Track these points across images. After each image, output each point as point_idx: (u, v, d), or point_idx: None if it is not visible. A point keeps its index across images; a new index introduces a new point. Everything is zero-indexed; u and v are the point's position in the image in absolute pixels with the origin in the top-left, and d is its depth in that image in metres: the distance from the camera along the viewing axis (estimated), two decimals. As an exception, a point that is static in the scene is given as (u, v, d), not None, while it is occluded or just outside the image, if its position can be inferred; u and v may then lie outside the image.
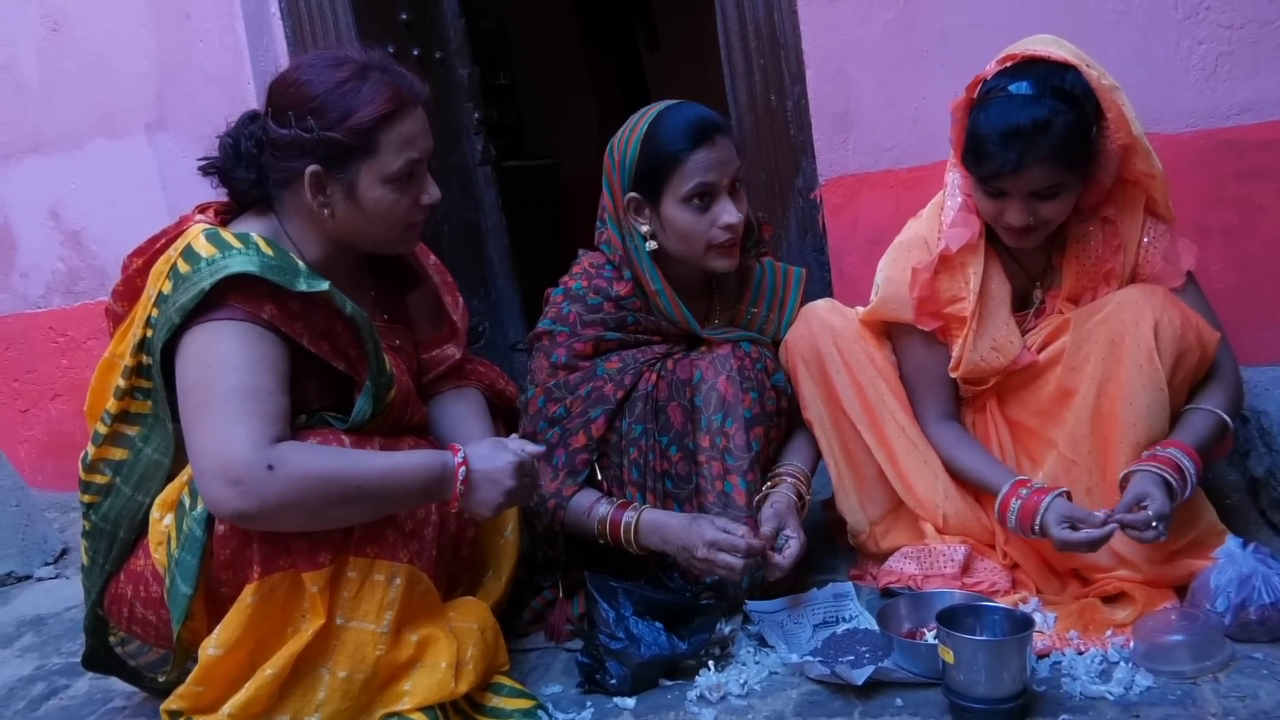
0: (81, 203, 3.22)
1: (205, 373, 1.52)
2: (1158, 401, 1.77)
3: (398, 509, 1.62)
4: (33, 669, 2.26)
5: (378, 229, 1.71)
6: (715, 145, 1.90)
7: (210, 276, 1.52)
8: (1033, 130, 1.71)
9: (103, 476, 1.69)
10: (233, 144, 1.70)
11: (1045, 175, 1.74)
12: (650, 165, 1.92)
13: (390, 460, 1.60)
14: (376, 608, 1.58)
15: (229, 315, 1.54)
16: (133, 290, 1.70)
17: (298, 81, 1.65)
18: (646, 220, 1.96)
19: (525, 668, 1.90)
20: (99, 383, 1.73)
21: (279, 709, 1.56)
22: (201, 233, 1.59)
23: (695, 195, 1.90)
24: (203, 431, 1.50)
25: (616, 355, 2.00)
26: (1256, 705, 1.48)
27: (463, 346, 2.00)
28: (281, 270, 1.55)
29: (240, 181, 1.70)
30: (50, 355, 3.33)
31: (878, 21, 2.45)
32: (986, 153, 1.76)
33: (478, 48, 3.67)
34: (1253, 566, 1.65)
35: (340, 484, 1.51)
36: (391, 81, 1.66)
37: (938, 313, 1.94)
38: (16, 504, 2.93)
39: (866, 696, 1.63)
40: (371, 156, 1.64)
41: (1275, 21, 2.21)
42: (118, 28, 3.06)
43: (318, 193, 1.65)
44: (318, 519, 1.53)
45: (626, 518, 1.89)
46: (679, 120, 1.92)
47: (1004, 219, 1.82)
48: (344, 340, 1.64)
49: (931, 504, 1.96)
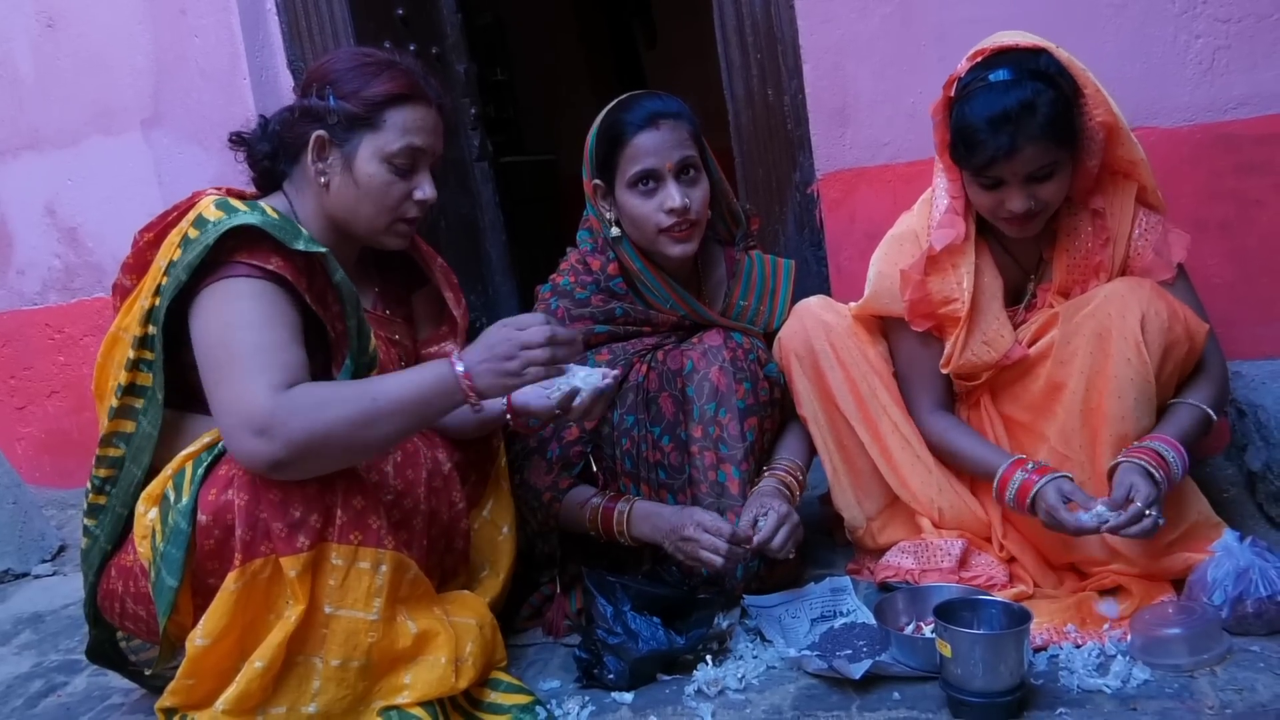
0: (78, 199, 3.21)
1: (225, 331, 1.55)
2: (1145, 394, 1.77)
3: (425, 420, 1.61)
4: (30, 666, 2.25)
5: (367, 208, 1.74)
6: (659, 129, 1.93)
7: (215, 232, 1.55)
8: (1020, 111, 1.72)
9: (116, 449, 1.71)
10: (263, 122, 1.79)
11: (1038, 155, 1.76)
12: (604, 151, 1.97)
13: (394, 375, 1.64)
14: (364, 595, 1.57)
15: (240, 273, 1.56)
16: (142, 264, 1.72)
17: (328, 61, 1.77)
18: (610, 207, 2.00)
19: (523, 663, 1.90)
20: (104, 359, 1.75)
21: (274, 700, 1.56)
22: (212, 202, 1.62)
23: (639, 179, 1.93)
24: (225, 389, 1.52)
25: (606, 348, 2.01)
26: (1253, 698, 1.48)
27: (462, 343, 2.00)
28: (283, 229, 1.57)
29: (258, 153, 1.77)
30: (47, 352, 3.32)
31: (875, 16, 2.45)
32: (978, 141, 1.76)
33: (475, 43, 3.67)
34: (1250, 560, 1.66)
35: (357, 403, 1.52)
36: (411, 74, 1.75)
37: (931, 313, 1.95)
38: (13, 501, 2.93)
39: (864, 691, 1.64)
40: (374, 130, 1.71)
41: (1272, 15, 2.21)
42: (113, 24, 3.06)
43: (318, 158, 1.71)
44: (352, 444, 1.53)
45: (620, 507, 1.90)
46: (634, 106, 1.97)
47: (1004, 208, 1.82)
48: (334, 311, 1.65)
49: (926, 499, 1.96)
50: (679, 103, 2.00)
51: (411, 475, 1.72)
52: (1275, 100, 2.23)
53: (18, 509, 2.92)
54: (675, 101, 2.00)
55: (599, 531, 1.92)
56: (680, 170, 1.95)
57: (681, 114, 1.97)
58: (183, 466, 1.60)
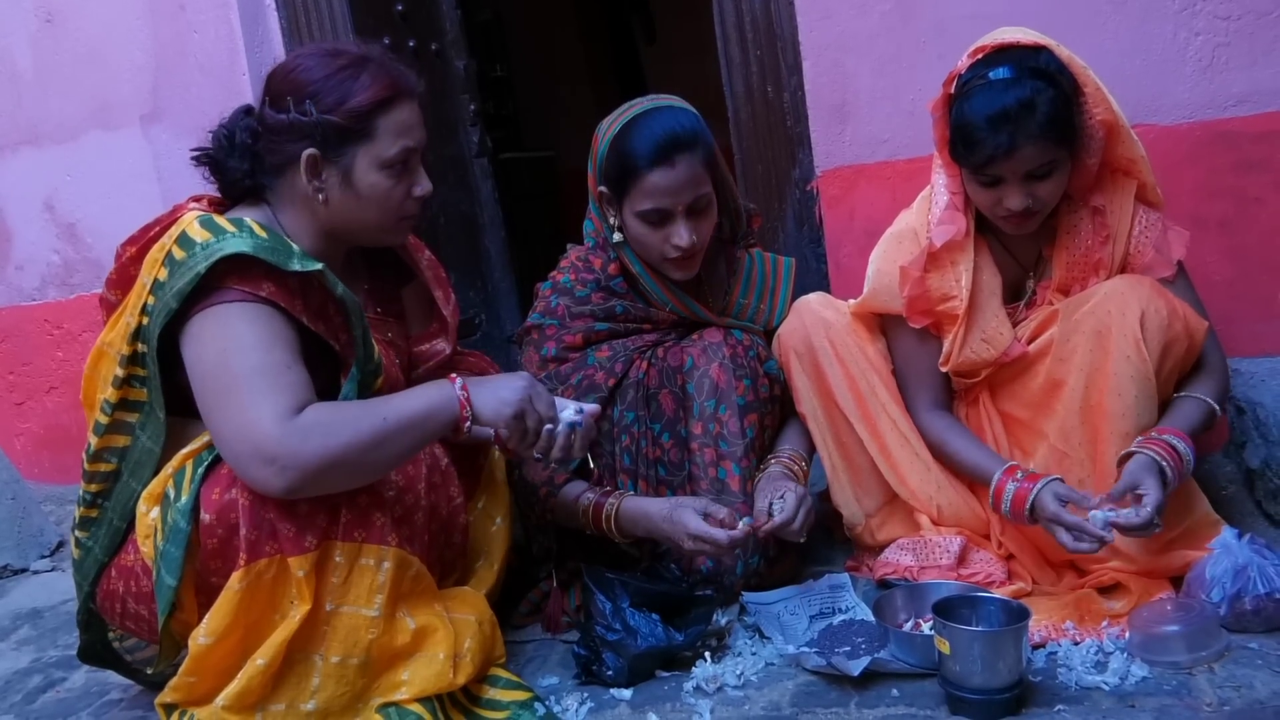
0: (76, 195, 3.21)
1: (221, 357, 1.53)
2: (1145, 391, 1.77)
3: (426, 438, 1.62)
4: (29, 662, 2.26)
5: (372, 215, 1.72)
6: (675, 166, 1.87)
7: (206, 260, 1.52)
8: (1019, 110, 1.72)
9: (108, 464, 1.70)
10: (227, 135, 1.70)
11: (1037, 154, 1.75)
12: (615, 171, 1.92)
13: (400, 394, 1.63)
14: (367, 592, 1.57)
15: (231, 298, 1.54)
16: (126, 279, 1.70)
17: (296, 69, 1.68)
18: (614, 215, 1.98)
19: (522, 659, 1.90)
20: (90, 371, 1.74)
21: (273, 697, 1.56)
22: (196, 219, 1.60)
23: (649, 214, 1.90)
24: (227, 416, 1.51)
25: (607, 345, 2.01)
26: (1251, 695, 1.48)
27: (453, 342, 2.00)
28: (275, 251, 1.56)
29: (233, 171, 1.70)
30: (46, 348, 3.32)
31: (874, 13, 2.45)
32: (977, 140, 1.76)
33: (474, 39, 3.67)
34: (1248, 557, 1.66)
35: (369, 424, 1.52)
36: (388, 71, 1.68)
37: (929, 310, 1.95)
38: (12, 497, 2.93)
39: (863, 687, 1.64)
40: (369, 141, 1.66)
41: (1273, 13, 2.20)
42: (112, 19, 3.05)
43: (313, 177, 1.66)
44: (363, 466, 1.54)
45: (608, 504, 1.90)
46: (648, 132, 1.89)
47: (1002, 205, 1.82)
48: (336, 323, 1.64)
49: (925, 496, 1.96)
50: (693, 117, 1.93)
51: (412, 471, 1.72)
52: (1275, 98, 2.22)
53: (16, 504, 2.92)
54: (689, 116, 1.93)
55: (590, 528, 1.92)
56: (690, 209, 1.92)
57: (697, 140, 1.90)
58: (183, 465, 1.60)
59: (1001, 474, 1.82)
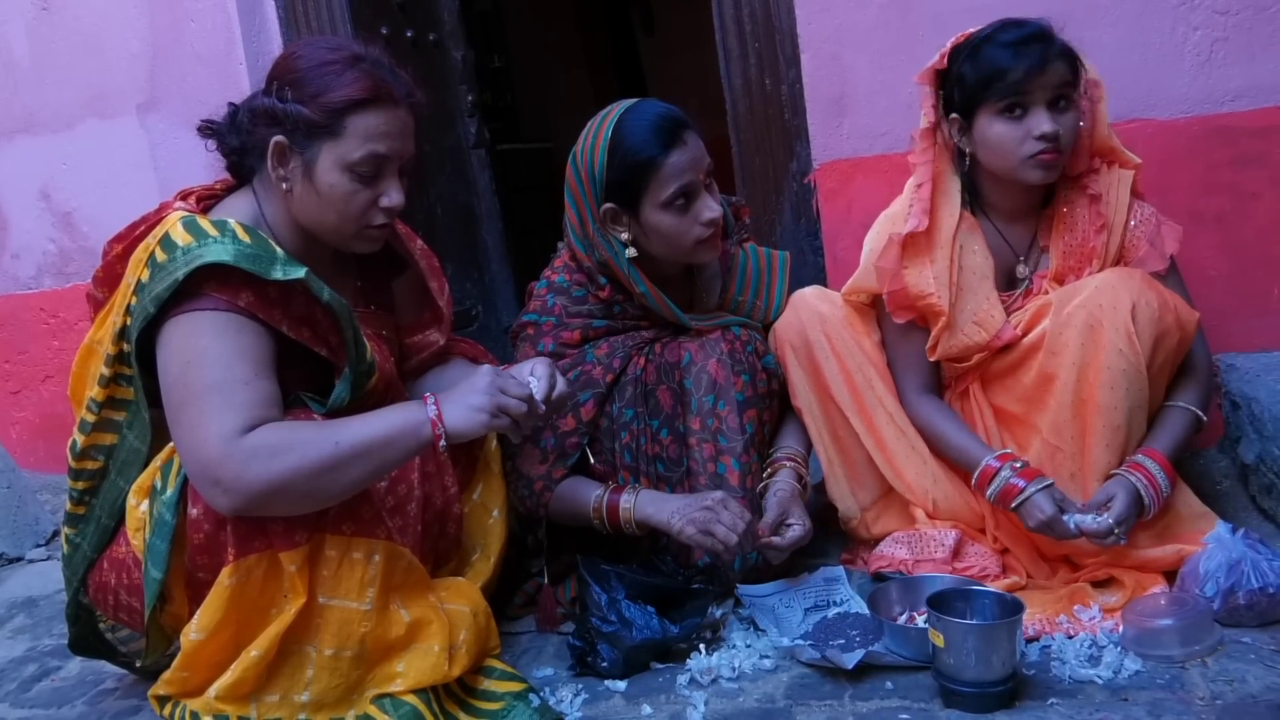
0: (73, 184, 3.20)
1: (183, 370, 1.52)
2: (1137, 385, 1.78)
3: (386, 464, 1.57)
4: (24, 650, 2.26)
5: (330, 217, 1.67)
6: (686, 145, 1.87)
7: (185, 266, 1.51)
8: (1041, 33, 1.84)
9: (94, 462, 1.69)
10: (235, 110, 1.71)
11: (1064, 70, 1.83)
12: (624, 175, 1.88)
13: (363, 417, 1.57)
14: (357, 585, 1.57)
15: (205, 306, 1.52)
16: (113, 277, 1.69)
17: (293, 55, 1.68)
18: (625, 228, 1.93)
19: (517, 650, 1.91)
20: (79, 368, 1.73)
21: (267, 689, 1.57)
22: (179, 221, 1.58)
23: (676, 198, 1.88)
24: (181, 433, 1.51)
25: (605, 341, 2.00)
26: (1244, 689, 1.48)
27: (447, 333, 1.99)
28: (257, 259, 1.53)
29: (226, 147, 1.71)
30: (42, 337, 3.31)
31: (873, 6, 2.44)
32: (1006, 67, 1.82)
33: (472, 30, 3.65)
34: (1242, 552, 1.66)
35: (318, 449, 1.49)
36: (376, 74, 1.64)
37: (911, 306, 1.95)
38: (8, 485, 2.93)
39: (857, 680, 1.64)
40: (334, 139, 1.62)
41: (1270, 8, 2.20)
42: (108, 8, 3.04)
43: (279, 164, 1.64)
44: (312, 492, 1.50)
45: (624, 500, 1.89)
46: (643, 124, 1.88)
47: (1032, 133, 1.83)
48: (324, 327, 1.62)
49: (921, 489, 1.97)
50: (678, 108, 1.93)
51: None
52: (1272, 93, 2.22)
53: (12, 493, 2.92)
54: (675, 108, 1.93)
55: (603, 522, 1.91)
56: (707, 179, 1.91)
57: (690, 122, 1.92)
58: (171, 457, 1.59)
59: (995, 458, 1.83)
